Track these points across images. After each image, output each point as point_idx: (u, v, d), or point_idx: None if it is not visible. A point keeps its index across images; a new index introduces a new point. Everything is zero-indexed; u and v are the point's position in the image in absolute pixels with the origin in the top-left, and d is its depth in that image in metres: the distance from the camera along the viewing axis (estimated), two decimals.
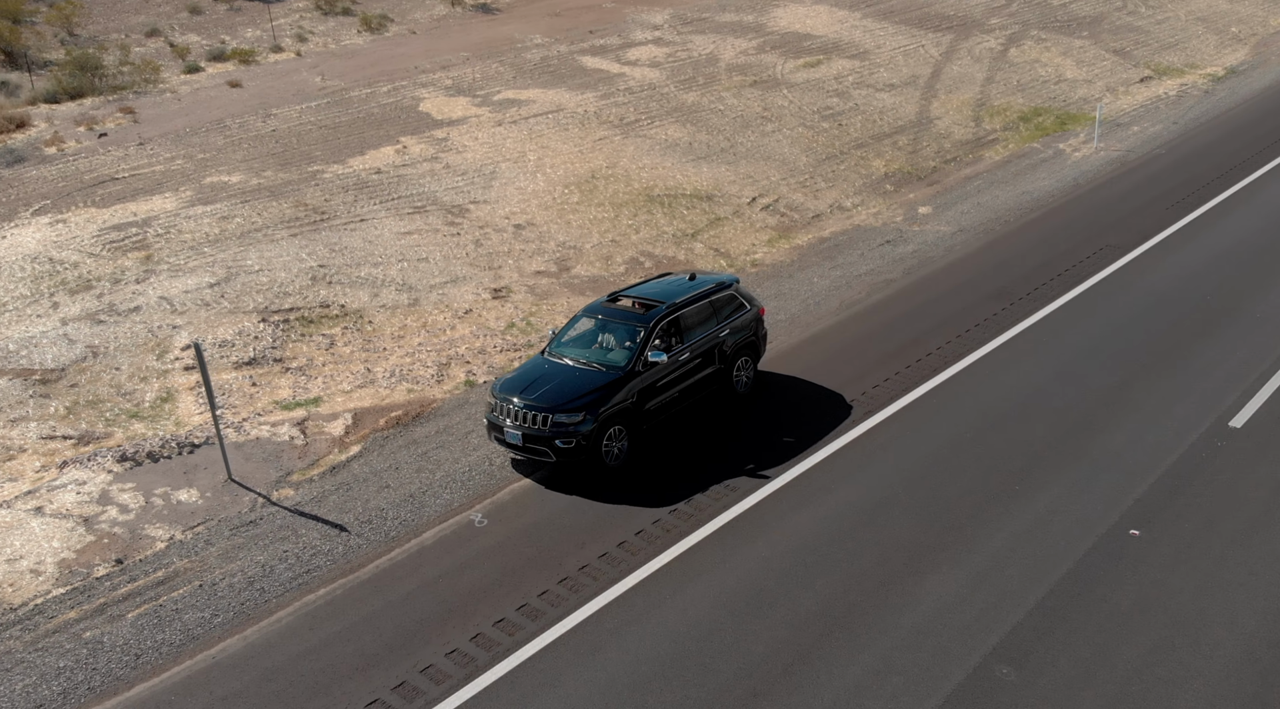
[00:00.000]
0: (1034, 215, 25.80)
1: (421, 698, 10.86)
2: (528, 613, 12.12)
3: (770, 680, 11.03)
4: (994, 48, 41.69)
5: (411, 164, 27.05)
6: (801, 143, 30.72)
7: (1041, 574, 12.57)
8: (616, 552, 13.22)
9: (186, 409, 17.54)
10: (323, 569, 13.08)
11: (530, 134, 29.38)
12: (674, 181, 27.15)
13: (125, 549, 13.54)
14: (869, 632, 11.72)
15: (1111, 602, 12.11)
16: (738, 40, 40.26)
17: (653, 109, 32.08)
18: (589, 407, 14.51)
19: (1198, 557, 12.85)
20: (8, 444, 16.41)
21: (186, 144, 28.48)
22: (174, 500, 14.60)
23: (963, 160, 30.72)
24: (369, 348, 19.34)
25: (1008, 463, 14.95)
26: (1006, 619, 11.85)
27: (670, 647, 11.53)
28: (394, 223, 23.83)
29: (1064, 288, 21.07)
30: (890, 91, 35.74)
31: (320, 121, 30.21)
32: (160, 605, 12.43)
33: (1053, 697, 10.65)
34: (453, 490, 14.75)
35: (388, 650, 11.56)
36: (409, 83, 33.86)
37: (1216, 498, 14.01)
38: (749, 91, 34.36)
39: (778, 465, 15.08)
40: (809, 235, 25.02)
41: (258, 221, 23.61)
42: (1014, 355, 18.26)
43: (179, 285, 20.86)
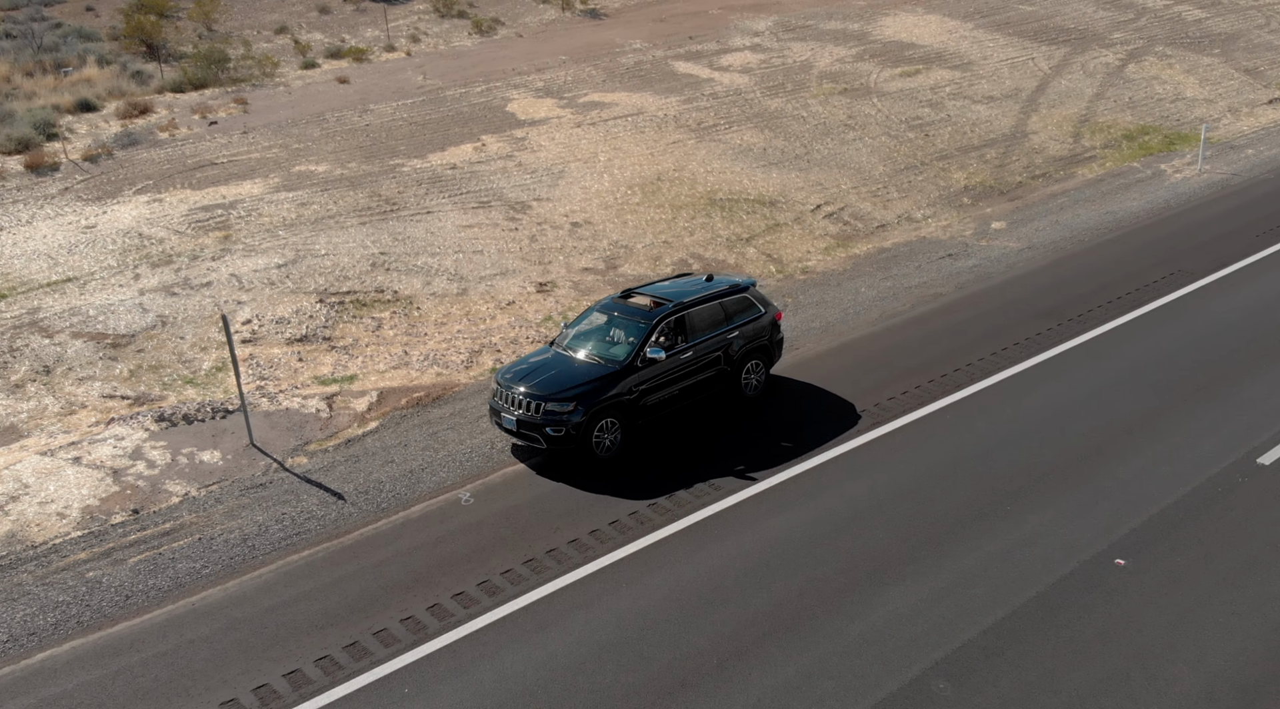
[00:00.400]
0: (1111, 236, 25.02)
1: (368, 658, 11.45)
2: (487, 589, 12.60)
3: (701, 673, 11.23)
4: (1111, 63, 40.35)
5: (486, 161, 27.94)
6: (882, 152, 30.44)
7: (1008, 595, 12.39)
8: (587, 539, 13.58)
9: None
10: (312, 532, 13.85)
11: (606, 136, 29.96)
12: (740, 186, 27.32)
13: (143, 501, 14.60)
14: (813, 636, 11.78)
15: (1074, 629, 11.86)
16: (837, 48, 40.05)
17: (733, 114, 32.27)
18: (581, 398, 14.92)
19: (1181, 592, 12.44)
20: (71, 400, 17.79)
21: (285, 134, 30.07)
22: (197, 460, 15.63)
23: (1052, 177, 29.93)
24: (412, 332, 20.18)
25: (1006, 483, 14.70)
26: (958, 635, 11.74)
27: (614, 633, 11.83)
28: (458, 216, 24.71)
29: (1120, 311, 20.44)
30: (988, 104, 35.03)
31: (412, 118, 31.45)
32: (160, 554, 13.39)
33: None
34: (450, 469, 15.37)
35: (349, 612, 12.21)
36: (503, 84, 34.90)
37: (1221, 534, 13.50)
38: (836, 99, 34.20)
39: (768, 468, 15.19)
40: (869, 245, 24.84)
41: (333, 209, 24.82)
42: (1045, 377, 17.86)
43: (250, 265, 22.14)
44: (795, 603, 12.33)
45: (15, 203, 25.22)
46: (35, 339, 19.35)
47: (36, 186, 26.23)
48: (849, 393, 17.42)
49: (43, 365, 18.61)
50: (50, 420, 17.15)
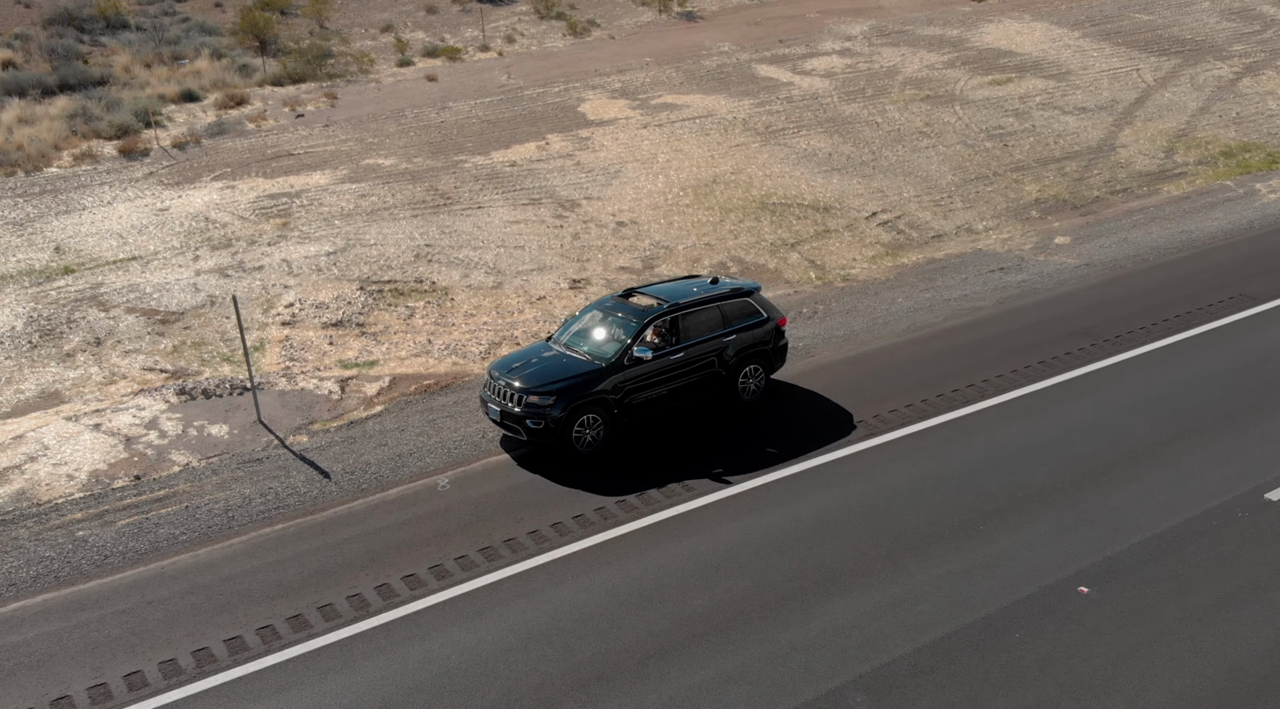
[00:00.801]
0: (1179, 255, 23.95)
1: (306, 630, 11.91)
2: (438, 573, 12.93)
3: (621, 669, 11.31)
4: (1224, 76, 38.49)
5: (546, 160, 28.42)
6: (954, 161, 29.75)
7: (954, 614, 12.09)
8: (548, 531, 13.80)
9: (271, 359, 19.50)
10: (290, 508, 14.44)
11: (670, 137, 30.09)
12: (796, 191, 27.10)
13: (147, 468, 15.46)
14: (743, 640, 11.73)
15: (1014, 654, 11.51)
16: (929, 54, 39.25)
17: (805, 118, 31.99)
18: (562, 393, 15.13)
19: (1141, 624, 11.93)
20: (114, 370, 18.90)
21: (363, 129, 31.17)
22: (206, 433, 16.45)
23: (1134, 192, 28.76)
24: (441, 322, 20.74)
25: (987, 503, 14.31)
26: (891, 651, 11.53)
27: (547, 623, 12.01)
28: (507, 212, 25.22)
29: (1162, 334, 19.59)
30: (1078, 115, 33.85)
31: (485, 116, 32.19)
32: (147, 519, 14.17)
33: None
34: (437, 455, 15.79)
35: (301, 585, 12.71)
36: (581, 84, 35.38)
37: (1202, 568, 12.89)
38: (916, 106, 33.55)
39: (747, 473, 15.13)
40: (920, 255, 24.35)
41: (390, 201, 25.65)
42: (1061, 397, 17.27)
43: (302, 251, 23.09)
44: (734, 606, 12.29)
45: (102, 185, 26.85)
46: (93, 312, 20.61)
47: (124, 170, 27.86)
48: (851, 403, 17.18)
49: (95, 337, 19.81)
50: (91, 389, 18.26)
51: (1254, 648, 11.54)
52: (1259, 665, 11.30)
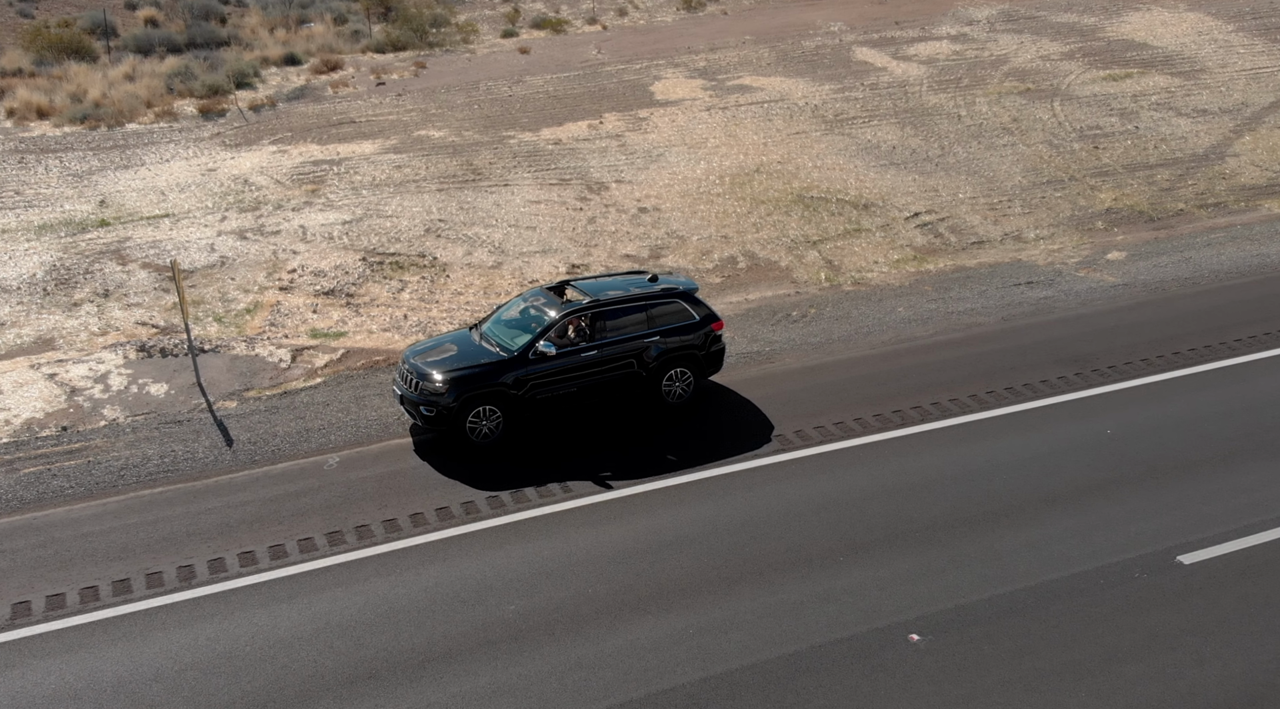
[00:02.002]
0: (1237, 282, 21.70)
1: (124, 596, 12.36)
2: (274, 552, 13.16)
3: (399, 668, 11.24)
4: None
5: (593, 139, 28.19)
6: (1030, 162, 27.82)
7: (759, 648, 11.43)
8: (404, 521, 13.80)
9: (256, 322, 20.23)
10: (179, 472, 14.97)
11: (730, 121, 29.31)
12: (841, 185, 25.95)
13: (76, 420, 16.34)
14: (534, 652, 11.45)
15: (802, 696, 10.79)
16: (1050, 43, 36.73)
17: (882, 108, 30.54)
18: (456, 382, 15.05)
19: (957, 683, 10.97)
20: (110, 323, 20.02)
21: (431, 100, 31.74)
22: (145, 391, 17.23)
23: (1225, 207, 26.18)
24: (427, 298, 20.97)
25: (861, 534, 13.42)
26: (673, 678, 11.02)
27: (350, 615, 12.04)
28: (531, 191, 25.20)
29: (1161, 369, 17.82)
30: (1195, 118, 31.01)
31: (555, 92, 32.19)
32: (48, 470, 14.99)
33: None
34: (343, 433, 16.02)
35: (143, 550, 13.17)
36: (665, 62, 34.86)
37: (1061, 630, 11.72)
38: (1010, 99, 31.49)
39: (633, 478, 14.70)
40: (949, 262, 22.94)
41: (422, 174, 26.06)
42: (1007, 429, 15.98)
43: (320, 219, 23.79)
44: (543, 617, 12.00)
45: (169, 143, 28.38)
46: (110, 265, 21.87)
47: (196, 129, 29.36)
48: (780, 415, 16.40)
49: (104, 289, 21.03)
50: (82, 339, 19.40)
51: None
52: None
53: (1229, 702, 10.69)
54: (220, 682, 11.08)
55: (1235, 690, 10.84)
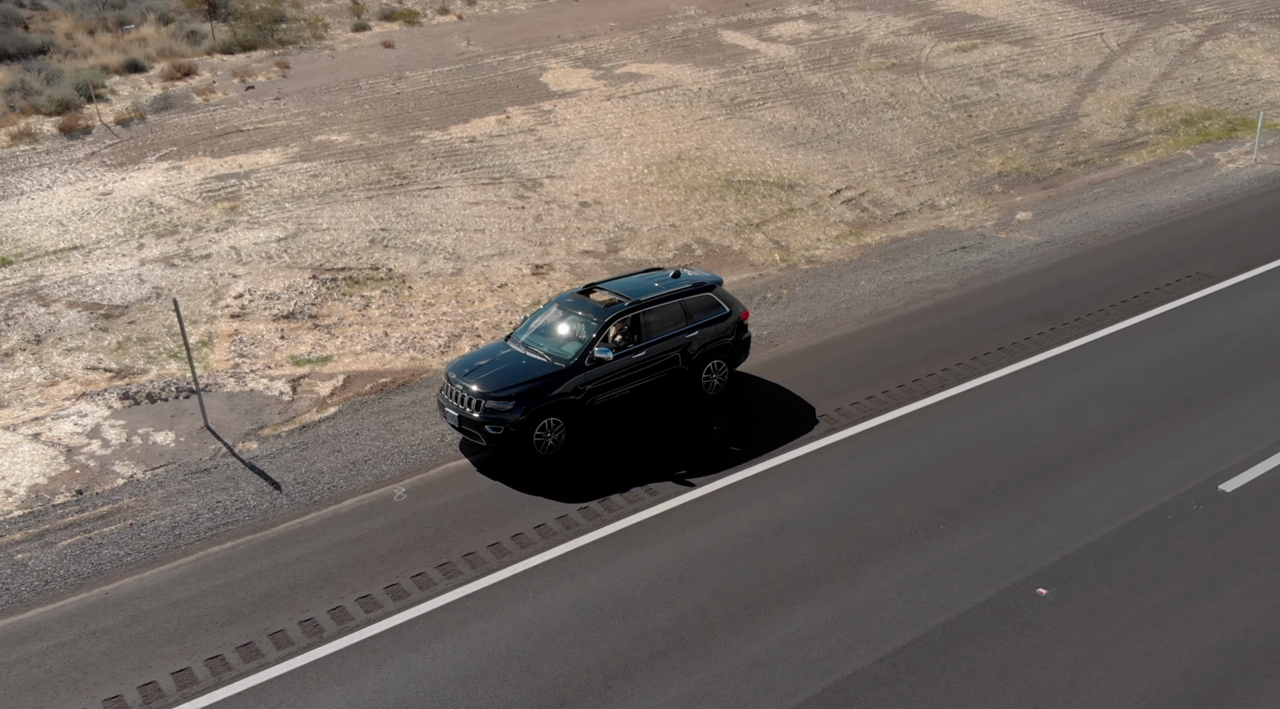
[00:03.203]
0: (1138, 231, 23.87)
1: (257, 660, 11.63)
2: (394, 593, 12.67)
3: (584, 692, 11.15)
4: (1187, 39, 38.31)
5: (507, 135, 27.82)
6: (918, 133, 29.45)
7: (914, 622, 12.01)
8: (509, 543, 13.56)
9: (220, 355, 19.01)
10: (240, 524, 14.09)
11: (634, 110, 29.55)
12: (761, 167, 26.73)
13: (89, 481, 15.03)
14: (706, 656, 11.59)
15: (975, 661, 11.45)
16: (895, 19, 38.77)
17: (770, 89, 31.52)
18: (521, 396, 14.82)
19: (1099, 627, 11.91)
20: (56, 370, 18.36)
21: (316, 102, 30.35)
22: (151, 441, 16.01)
23: (1095, 163, 28.60)
24: (398, 313, 20.29)
25: (946, 501, 14.22)
26: (852, 663, 11.44)
27: (507, 645, 11.81)
28: (466, 192, 24.68)
29: (1122, 316, 19.51)
30: (1042, 83, 33.59)
31: (444, 87, 31.45)
32: (89, 539, 13.78)
33: None
34: (393, 462, 15.46)
35: (251, 610, 12.41)
36: (543, 52, 34.62)
37: (1158, 566, 12.88)
38: (882, 75, 33.14)
39: (710, 474, 14.94)
40: (883, 234, 24.11)
41: (343, 182, 25.02)
42: (1020, 386, 17.18)
43: (250, 237, 22.49)
44: (697, 620, 12.14)
45: (41, 167, 26.01)
46: (32, 308, 19.98)
47: (65, 150, 27.00)
48: (814, 396, 17.00)
49: (34, 335, 19.22)
50: (31, 391, 17.72)
51: (1208, 650, 11.56)
52: (1213, 669, 11.31)
53: None
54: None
55: None
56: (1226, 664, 11.39)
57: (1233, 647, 11.58)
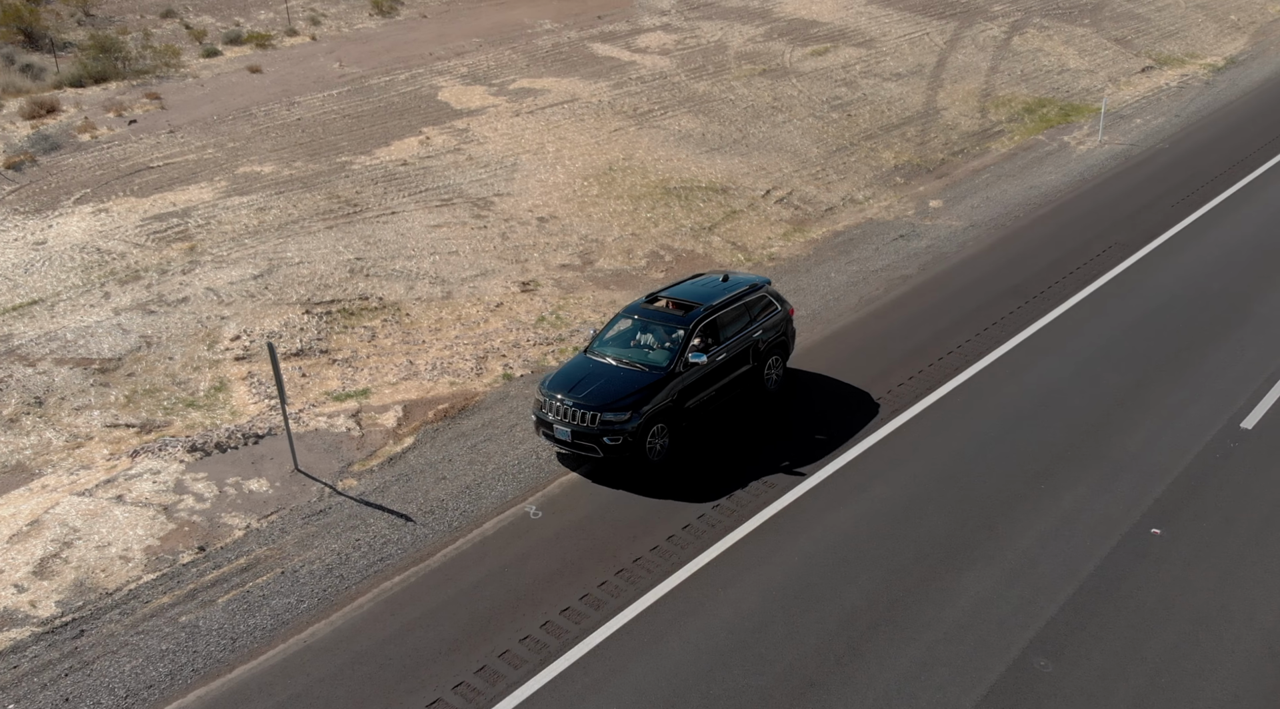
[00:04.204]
0: (1043, 211, 26.65)
1: (503, 681, 11.75)
2: (590, 602, 13.00)
3: (825, 671, 11.96)
4: (997, 36, 42.36)
5: (436, 156, 27.67)
6: (812, 134, 31.45)
7: (1071, 571, 13.51)
8: (666, 545, 14.11)
9: (241, 399, 18.29)
10: (395, 557, 13.93)
11: (548, 125, 30.01)
12: (689, 173, 27.89)
13: (206, 537, 14.35)
14: (913, 625, 12.64)
15: (1137, 598, 13.06)
16: (745, 27, 40.84)
17: (665, 99, 32.73)
18: (634, 405, 15.36)
19: (1216, 555, 13.80)
20: (75, 432, 17.16)
21: (216, 132, 29.00)
22: (246, 490, 15.40)
23: (970, 152, 31.50)
24: (408, 340, 20.10)
25: (1031, 463, 15.87)
26: (1041, 614, 12.78)
27: (727, 638, 12.44)
28: (423, 216, 24.51)
29: (1076, 286, 21.97)
30: (897, 81, 36.44)
31: (343, 110, 30.75)
32: (247, 591, 13.26)
33: (1088, 688, 11.62)
34: (505, 483, 15.60)
35: (465, 636, 12.44)
36: (425, 70, 34.36)
37: (1232, 497, 14.96)
38: (758, 80, 35.02)
39: (812, 462, 15.98)
40: (823, 229, 25.81)
41: (294, 213, 24.25)
42: (1032, 355, 19.17)
43: (224, 276, 21.53)
44: (885, 595, 13.16)
45: None
46: (18, 368, 18.48)
47: None
48: (859, 381, 18.34)
49: (33, 397, 17.84)
50: (59, 456, 16.55)
51: None
52: None
53: None
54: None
55: None
56: None
57: None
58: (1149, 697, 11.51)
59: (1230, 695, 11.50)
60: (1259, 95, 36.87)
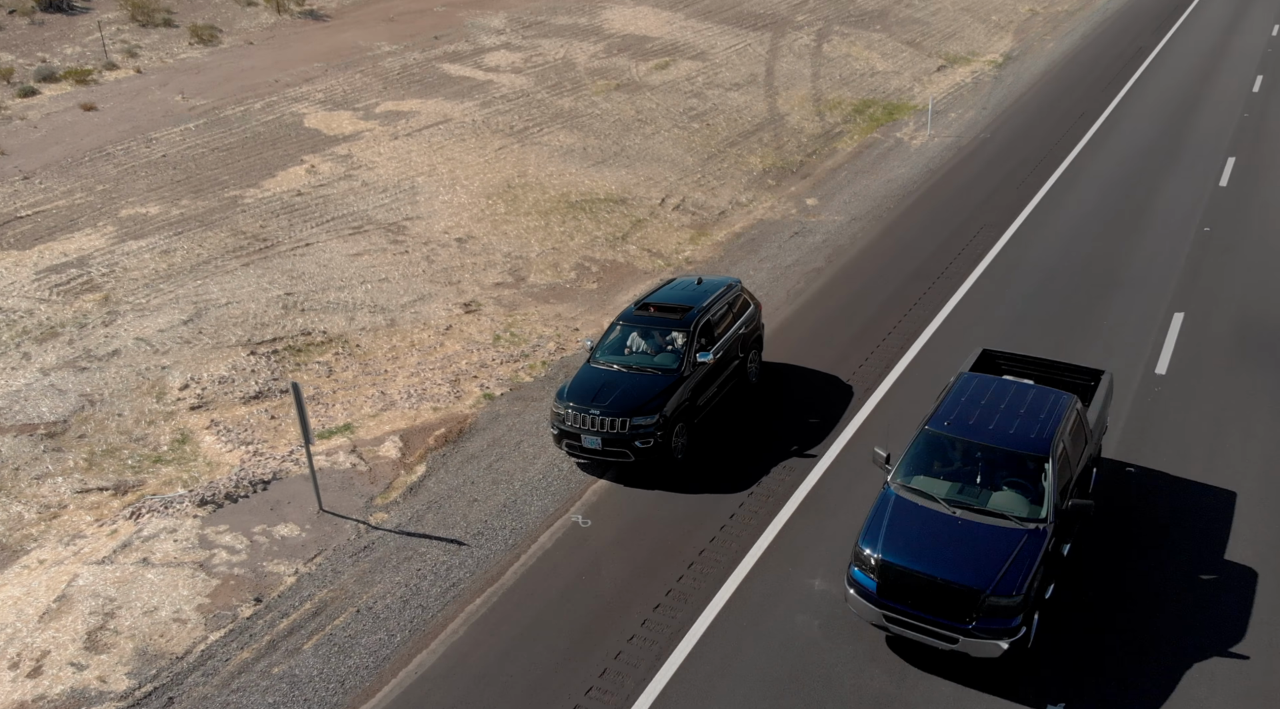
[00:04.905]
0: (908, 201, 28.89)
1: (628, 680, 12.14)
2: (677, 596, 13.55)
3: None
4: (809, 44, 45.11)
5: (328, 183, 27.10)
6: (681, 143, 32.72)
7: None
8: (721, 535, 14.81)
9: (211, 449, 17.58)
10: (466, 581, 13.96)
11: (430, 146, 29.91)
12: (585, 187, 28.54)
13: (257, 587, 13.89)
14: None
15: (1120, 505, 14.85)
16: (584, 44, 41.74)
17: (536, 116, 33.20)
18: (660, 408, 15.95)
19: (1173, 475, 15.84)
20: (46, 502, 16.08)
21: (76, 175, 27.24)
22: (277, 536, 14.95)
23: (821, 153, 33.61)
24: (369, 371, 19.83)
25: None
26: None
27: (826, 607, 13.26)
28: (340, 245, 24.05)
29: (969, 265, 24.11)
30: (738, 90, 38.30)
31: (208, 143, 29.52)
32: (331, 634, 13.00)
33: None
34: (540, 497, 15.84)
35: (574, 645, 12.72)
36: (279, 98, 33.37)
37: (1185, 422, 17.08)
38: (616, 95, 36.02)
39: (816, 444, 17.06)
40: (723, 231, 27.06)
41: (202, 253, 23.25)
42: (960, 327, 20.99)
43: (151, 325, 20.49)
44: None
45: None
46: None
47: None
48: (822, 366, 19.60)
49: None
50: (37, 528, 15.50)
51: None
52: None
53: None
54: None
55: None
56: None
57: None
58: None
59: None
60: (1044, 86, 40.95)
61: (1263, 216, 26.53)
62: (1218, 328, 20.55)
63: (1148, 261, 23.76)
